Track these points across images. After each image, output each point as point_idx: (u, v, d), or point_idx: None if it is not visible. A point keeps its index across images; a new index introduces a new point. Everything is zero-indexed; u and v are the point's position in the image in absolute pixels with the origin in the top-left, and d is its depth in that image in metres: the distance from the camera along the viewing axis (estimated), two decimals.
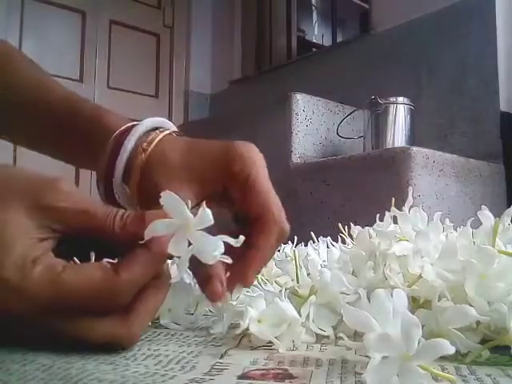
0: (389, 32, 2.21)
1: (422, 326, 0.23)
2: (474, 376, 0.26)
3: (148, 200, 0.37)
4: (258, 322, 0.32)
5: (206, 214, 0.30)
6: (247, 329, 0.32)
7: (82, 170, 2.57)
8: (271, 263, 0.51)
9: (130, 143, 0.39)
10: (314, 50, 2.84)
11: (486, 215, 0.35)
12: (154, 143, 0.39)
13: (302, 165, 1.80)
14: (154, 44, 3.05)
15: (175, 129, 0.43)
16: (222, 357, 0.29)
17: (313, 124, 1.89)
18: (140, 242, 0.29)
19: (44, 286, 0.27)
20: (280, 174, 1.79)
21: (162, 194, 0.29)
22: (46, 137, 0.48)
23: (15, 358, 0.27)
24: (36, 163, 0.50)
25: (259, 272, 0.37)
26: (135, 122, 0.41)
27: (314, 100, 1.91)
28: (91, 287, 0.28)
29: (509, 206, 0.35)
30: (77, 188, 0.31)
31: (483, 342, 0.29)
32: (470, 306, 0.29)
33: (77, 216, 0.30)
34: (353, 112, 1.93)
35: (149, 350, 0.31)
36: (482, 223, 0.36)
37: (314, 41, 2.94)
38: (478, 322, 0.30)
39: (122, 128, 0.40)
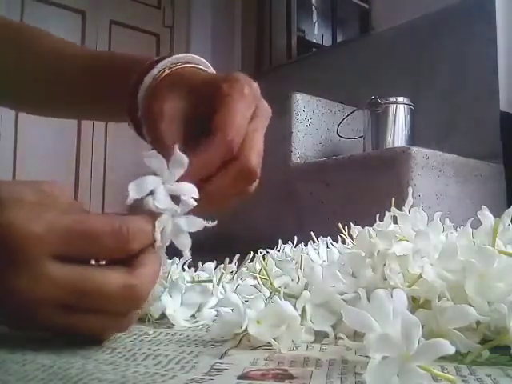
0: (389, 32, 2.21)
1: (422, 326, 0.23)
2: (473, 376, 0.26)
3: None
4: (257, 322, 0.32)
5: (180, 157, 0.32)
6: (247, 329, 0.32)
7: (81, 172, 2.57)
8: (271, 263, 0.51)
9: (158, 68, 0.41)
10: (313, 49, 2.84)
11: (486, 215, 0.35)
12: (173, 69, 0.41)
13: (302, 165, 1.80)
14: (154, 44, 3.05)
15: (202, 66, 0.43)
16: (221, 357, 0.29)
17: (313, 124, 1.89)
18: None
19: (65, 213, 0.28)
20: (280, 174, 1.79)
21: (144, 154, 0.31)
22: (77, 89, 0.50)
23: (15, 358, 0.27)
24: (35, 167, 0.52)
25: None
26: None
27: (314, 100, 1.91)
28: (106, 220, 0.29)
29: (509, 206, 0.35)
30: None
31: (483, 342, 0.29)
32: (470, 305, 0.29)
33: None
34: (353, 112, 1.92)
35: (149, 349, 0.31)
36: (481, 223, 0.36)
37: (314, 41, 2.94)
38: (478, 322, 0.30)
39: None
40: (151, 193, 0.31)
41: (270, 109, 0.39)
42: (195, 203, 0.32)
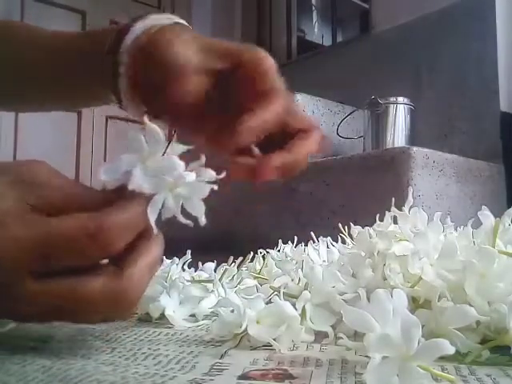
0: (389, 32, 2.21)
1: (422, 326, 0.23)
2: (473, 376, 0.26)
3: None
4: (257, 322, 0.32)
5: (154, 131, 0.28)
6: (246, 329, 0.32)
7: (81, 172, 2.57)
8: (271, 263, 0.51)
9: (142, 23, 0.40)
10: (314, 49, 2.84)
11: (487, 215, 0.35)
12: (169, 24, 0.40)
13: None
14: None
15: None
16: (221, 357, 0.29)
17: None
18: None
19: (32, 226, 0.26)
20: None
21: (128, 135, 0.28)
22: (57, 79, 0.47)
23: (15, 358, 0.27)
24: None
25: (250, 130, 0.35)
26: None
27: (314, 100, 1.91)
28: (79, 225, 0.26)
29: (509, 206, 0.35)
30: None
31: (483, 342, 0.29)
32: (470, 305, 0.29)
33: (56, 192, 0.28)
34: (353, 112, 1.92)
35: (149, 349, 0.31)
36: (482, 223, 0.36)
37: (314, 41, 2.94)
38: (477, 322, 0.30)
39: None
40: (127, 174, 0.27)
41: None
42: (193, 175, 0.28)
